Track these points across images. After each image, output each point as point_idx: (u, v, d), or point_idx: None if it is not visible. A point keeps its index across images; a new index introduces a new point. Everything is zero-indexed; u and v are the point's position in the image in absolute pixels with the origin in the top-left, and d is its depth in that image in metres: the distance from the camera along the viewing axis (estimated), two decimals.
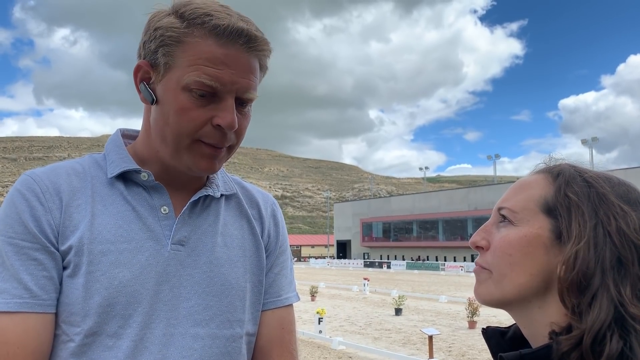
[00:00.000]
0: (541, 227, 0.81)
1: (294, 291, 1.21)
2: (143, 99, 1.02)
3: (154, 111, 1.01)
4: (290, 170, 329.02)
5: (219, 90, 0.96)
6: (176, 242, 1.02)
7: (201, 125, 0.97)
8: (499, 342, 0.88)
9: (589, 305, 0.73)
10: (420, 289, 26.61)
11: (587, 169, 0.86)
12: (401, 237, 71.17)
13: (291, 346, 1.15)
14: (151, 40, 0.98)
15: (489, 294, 0.85)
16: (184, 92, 0.95)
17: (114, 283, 0.95)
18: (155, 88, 0.99)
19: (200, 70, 0.94)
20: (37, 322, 0.92)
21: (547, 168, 0.89)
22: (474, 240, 0.89)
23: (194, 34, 0.95)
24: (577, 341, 0.72)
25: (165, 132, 0.99)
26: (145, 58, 0.99)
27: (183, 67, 0.95)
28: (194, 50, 0.95)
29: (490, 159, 73.23)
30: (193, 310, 1.01)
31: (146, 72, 1.00)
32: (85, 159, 1.09)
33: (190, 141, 0.98)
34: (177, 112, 0.96)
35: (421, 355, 9.54)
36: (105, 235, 0.98)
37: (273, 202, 1.24)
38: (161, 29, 0.96)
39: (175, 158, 1.01)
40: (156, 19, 0.98)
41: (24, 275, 0.92)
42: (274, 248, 1.18)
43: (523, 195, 0.86)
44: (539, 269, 0.80)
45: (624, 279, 0.74)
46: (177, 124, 0.97)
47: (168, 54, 0.96)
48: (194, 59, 0.95)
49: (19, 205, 0.96)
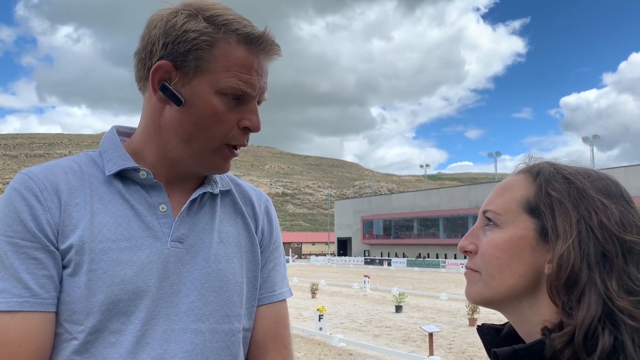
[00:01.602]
0: (525, 227, 0.82)
1: (287, 286, 1.23)
2: (160, 98, 1.01)
3: (176, 112, 1.01)
4: (291, 168, 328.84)
5: (249, 95, 1.00)
6: (175, 240, 1.04)
7: (232, 128, 1.01)
8: (494, 339, 0.89)
9: (577, 302, 0.74)
10: (420, 287, 26.63)
11: (565, 166, 0.86)
12: (402, 234, 71.16)
13: (286, 340, 1.17)
14: (178, 42, 0.97)
15: (479, 295, 0.86)
16: (217, 96, 0.98)
17: (116, 281, 0.96)
18: (178, 89, 0.99)
19: (236, 77, 0.98)
20: (38, 321, 0.93)
21: (527, 168, 0.90)
22: (462, 245, 0.89)
23: (229, 40, 0.98)
24: (569, 338, 0.72)
25: (192, 134, 1.00)
26: (167, 59, 0.99)
27: (218, 72, 0.98)
28: (228, 56, 0.98)
29: (491, 156, 73.10)
30: (193, 306, 1.02)
31: (167, 73, 0.99)
32: (81, 157, 1.09)
33: (219, 144, 1.02)
34: (211, 115, 0.99)
35: (421, 353, 9.55)
36: (105, 234, 0.98)
37: (266, 199, 1.26)
38: (194, 32, 0.96)
39: (196, 159, 1.03)
40: (180, 21, 0.97)
41: (24, 274, 0.93)
42: (268, 244, 1.19)
43: (505, 197, 0.86)
44: (527, 270, 0.81)
45: (609, 273, 0.75)
46: (210, 127, 0.99)
47: (201, 58, 0.97)
48: (229, 65, 0.98)
49: (17, 204, 0.96)
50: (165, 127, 1.03)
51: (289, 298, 1.23)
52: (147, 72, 1.01)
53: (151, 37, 1.00)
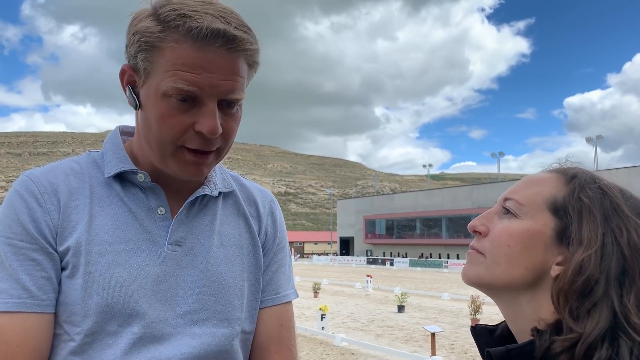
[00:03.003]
0: (545, 224, 0.82)
1: (292, 288, 1.21)
2: (130, 103, 1.00)
3: (139, 115, 1.00)
4: (294, 167, 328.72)
5: (198, 95, 0.92)
6: (173, 243, 1.03)
7: (183, 132, 0.94)
8: (487, 340, 0.89)
9: (587, 312, 0.74)
10: (423, 287, 26.61)
11: (601, 177, 0.85)
12: (404, 234, 71.05)
13: (290, 343, 1.15)
14: (131, 44, 0.95)
15: (477, 277, 0.86)
16: (163, 98, 0.93)
17: (111, 283, 0.96)
18: (139, 93, 0.98)
19: (177, 75, 0.91)
20: (35, 322, 0.93)
21: (561, 169, 0.89)
22: (473, 224, 0.89)
23: (169, 39, 0.91)
24: (570, 344, 0.73)
25: (149, 138, 0.98)
26: (129, 62, 0.97)
27: (161, 73, 0.92)
28: (170, 55, 0.91)
29: (494, 156, 72.99)
30: (190, 310, 1.01)
31: (131, 76, 0.98)
32: (84, 157, 1.09)
33: (173, 148, 0.96)
34: (158, 119, 0.94)
35: (424, 353, 9.54)
36: (102, 237, 0.98)
37: (271, 200, 1.24)
38: (138, 34, 0.93)
39: (161, 164, 1.01)
40: (135, 22, 0.95)
41: (23, 275, 0.93)
42: (272, 246, 1.17)
43: (532, 190, 0.86)
44: (534, 265, 0.81)
45: (629, 290, 0.74)
46: (159, 131, 0.95)
47: (146, 60, 0.93)
48: (170, 65, 0.91)
49: (17, 206, 0.97)
50: (140, 131, 1.02)
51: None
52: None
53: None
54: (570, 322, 0.74)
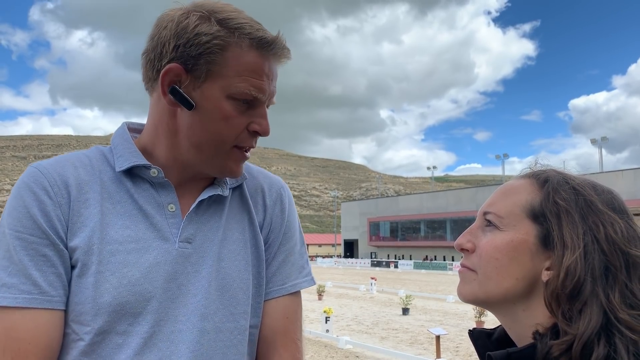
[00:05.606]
0: (527, 232, 0.82)
1: (305, 276, 1.18)
2: (170, 101, 0.99)
3: (186, 116, 0.99)
4: (298, 170, 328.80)
5: (260, 99, 0.99)
6: (183, 240, 1.03)
7: (241, 132, 1.00)
8: (485, 344, 0.90)
9: (579, 313, 0.75)
10: (427, 289, 26.54)
11: (573, 176, 0.86)
12: (409, 236, 70.93)
13: (295, 335, 1.13)
14: (190, 45, 0.95)
15: (472, 294, 0.87)
16: (228, 100, 0.97)
17: (123, 282, 0.95)
18: (188, 93, 0.98)
19: (248, 82, 0.97)
20: (47, 318, 0.92)
21: (533, 173, 0.90)
22: (460, 243, 0.89)
23: (235, 44, 0.96)
24: (567, 347, 0.73)
25: (202, 138, 0.99)
26: (178, 61, 0.96)
27: (229, 77, 0.96)
28: (240, 60, 0.96)
29: (499, 158, 72.72)
30: (200, 305, 1.01)
31: (177, 76, 0.97)
32: (92, 151, 1.08)
33: (229, 147, 1.01)
34: (221, 119, 0.98)
35: (428, 356, 9.50)
36: (113, 236, 0.98)
37: (281, 187, 1.22)
38: (206, 35, 0.94)
39: (207, 163, 1.02)
40: (192, 23, 0.95)
41: (33, 271, 0.92)
42: (277, 236, 1.15)
43: (509, 201, 0.86)
44: (524, 274, 0.81)
45: (613, 286, 0.75)
46: (220, 131, 0.98)
47: (212, 62, 0.95)
48: (241, 70, 0.96)
49: (27, 199, 0.95)
50: (176, 130, 1.01)
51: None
52: (155, 73, 0.99)
53: (161, 38, 0.97)
54: (564, 325, 0.75)
